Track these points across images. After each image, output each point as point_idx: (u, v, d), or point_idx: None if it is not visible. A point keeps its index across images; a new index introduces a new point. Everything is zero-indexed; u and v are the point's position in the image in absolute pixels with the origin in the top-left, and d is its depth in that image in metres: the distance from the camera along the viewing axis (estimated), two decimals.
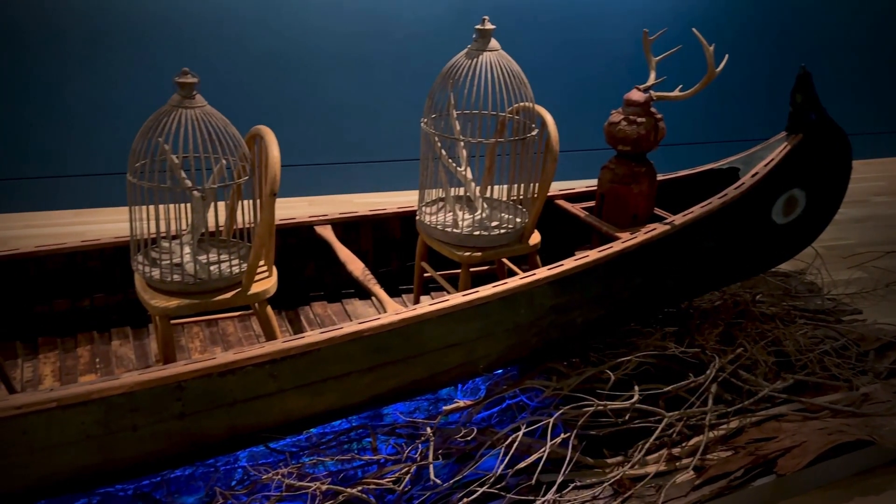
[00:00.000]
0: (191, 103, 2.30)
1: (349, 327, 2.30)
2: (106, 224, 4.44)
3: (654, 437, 2.59)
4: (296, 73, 4.79)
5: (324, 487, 2.19)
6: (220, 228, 2.67)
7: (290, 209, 4.43)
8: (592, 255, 2.68)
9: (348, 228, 3.18)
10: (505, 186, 2.95)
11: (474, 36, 2.68)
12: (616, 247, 2.74)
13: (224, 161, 2.39)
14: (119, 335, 2.89)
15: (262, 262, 2.50)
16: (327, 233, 3.05)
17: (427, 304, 2.42)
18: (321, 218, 3.14)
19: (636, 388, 2.65)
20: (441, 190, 2.93)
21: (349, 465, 2.40)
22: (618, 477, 2.46)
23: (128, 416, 2.04)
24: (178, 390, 2.08)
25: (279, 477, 2.19)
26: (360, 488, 2.24)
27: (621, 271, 2.78)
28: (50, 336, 2.83)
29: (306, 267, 3.21)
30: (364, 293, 3.28)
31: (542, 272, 2.58)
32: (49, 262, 2.78)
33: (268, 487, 2.23)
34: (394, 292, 3.27)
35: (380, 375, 2.40)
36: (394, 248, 3.31)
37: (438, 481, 2.27)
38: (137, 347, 2.84)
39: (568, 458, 2.42)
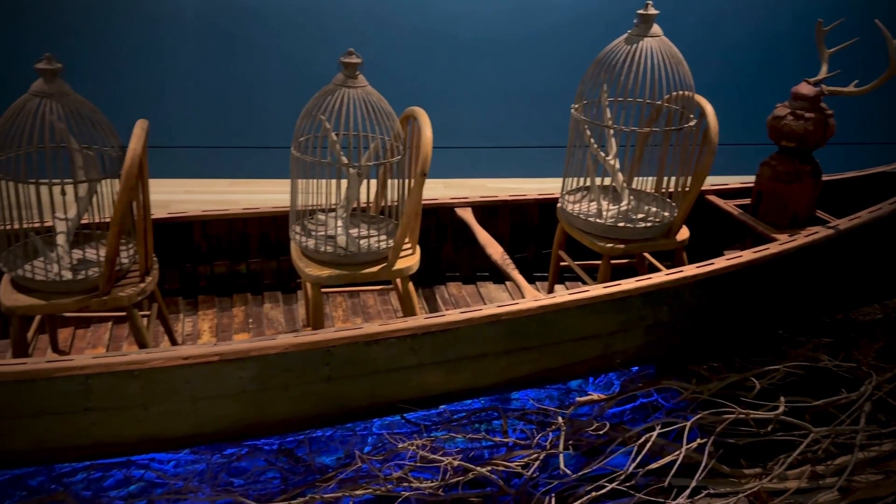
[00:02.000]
0: (354, 83, 2.39)
1: (488, 310, 2.32)
2: (256, 195, 4.72)
3: (797, 452, 2.45)
4: (447, 56, 4.84)
5: (455, 463, 2.24)
6: (370, 204, 2.77)
7: (428, 190, 4.52)
8: (746, 255, 2.55)
9: (488, 212, 3.20)
10: (651, 178, 2.86)
11: (635, 21, 2.60)
12: (772, 249, 2.59)
13: (379, 140, 2.47)
14: (270, 299, 3.08)
15: (406, 240, 2.57)
16: (467, 215, 3.09)
17: (567, 294, 2.40)
18: (462, 200, 3.18)
19: (782, 399, 2.51)
20: (584, 179, 2.89)
21: (478, 444, 2.44)
22: (755, 489, 2.35)
23: (280, 375, 2.17)
24: (327, 355, 2.18)
25: (414, 447, 2.26)
26: (489, 468, 2.27)
27: (776, 275, 2.63)
28: (209, 295, 3.05)
29: (444, 247, 3.26)
30: (498, 277, 3.30)
31: (690, 270, 2.49)
32: (212, 227, 3.00)
33: (401, 456, 2.31)
34: (527, 279, 3.26)
35: (514, 360, 2.42)
36: (531, 234, 3.31)
37: (568, 471, 2.26)
38: (286, 311, 3.01)
39: (703, 465, 2.34)
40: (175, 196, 4.67)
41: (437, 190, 4.82)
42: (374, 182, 2.75)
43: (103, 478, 2.31)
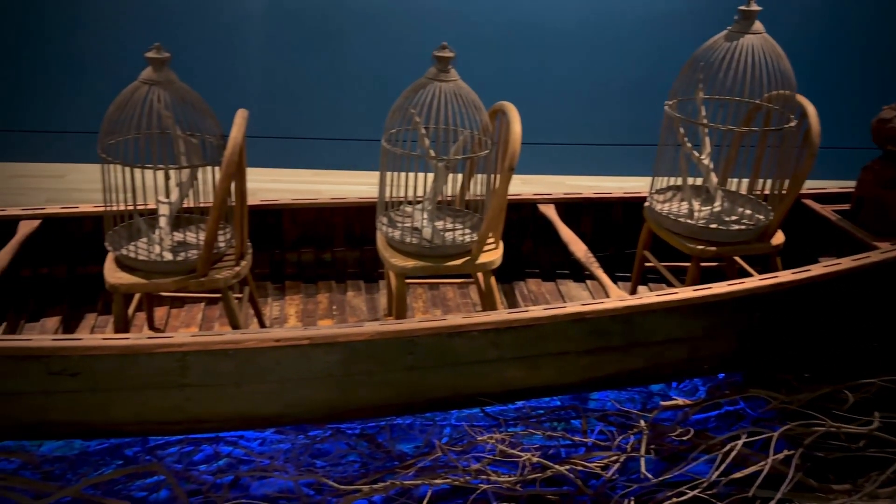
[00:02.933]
0: (446, 77, 2.41)
1: (572, 307, 2.30)
2: (339, 185, 4.82)
3: (891, 470, 2.34)
4: (531, 50, 4.81)
5: (534, 459, 2.24)
6: (455, 198, 2.79)
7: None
8: (845, 262, 2.44)
9: (571, 209, 3.17)
10: (745, 179, 2.77)
11: (736, 17, 2.52)
12: (873, 257, 2.47)
13: (468, 134, 2.48)
14: (353, 287, 3.14)
15: (490, 235, 2.58)
16: (550, 212, 3.07)
17: (655, 295, 2.35)
18: (545, 197, 3.17)
19: (876, 414, 2.40)
20: (673, 178, 2.83)
21: (556, 442, 2.43)
22: None
23: (365, 362, 2.22)
24: (410, 344, 2.22)
25: (493, 441, 2.27)
26: (567, 467, 2.26)
27: (875, 284, 2.51)
28: (295, 281, 3.14)
29: (524, 243, 3.26)
30: (579, 275, 3.27)
31: (785, 276, 2.40)
32: (301, 215, 3.09)
33: (479, 449, 2.32)
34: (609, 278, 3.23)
35: (596, 360, 2.39)
36: (614, 233, 3.26)
37: (649, 475, 2.23)
38: (368, 300, 3.07)
39: (789, 477, 2.26)
40: (262, 184, 4.82)
41: (516, 186, 4.79)
42: (459, 176, 2.77)
43: (194, 452, 2.41)
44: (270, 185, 4.84)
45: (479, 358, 2.30)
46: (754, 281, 2.38)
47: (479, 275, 2.84)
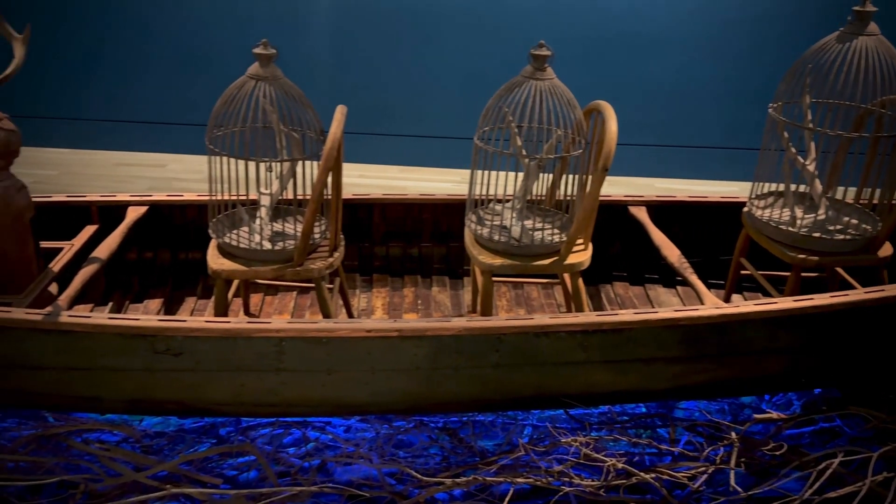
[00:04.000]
0: (542, 75, 2.40)
1: (664, 313, 2.26)
2: (423, 182, 4.88)
3: None
4: (628, 49, 4.75)
5: (618, 465, 2.21)
6: (544, 197, 2.78)
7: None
8: None
9: (663, 212, 3.11)
10: (852, 188, 2.64)
11: (850, 18, 2.41)
12: None
13: (559, 133, 2.47)
14: (438, 282, 3.18)
15: (580, 235, 2.55)
16: (641, 214, 3.01)
17: (752, 304, 2.28)
18: (636, 198, 3.11)
19: None
20: (775, 184, 2.72)
21: (641, 449, 2.39)
22: None
23: (452, 357, 2.24)
24: (497, 342, 2.23)
25: (577, 444, 2.25)
26: (653, 475, 2.22)
27: None
28: (382, 274, 3.21)
29: (612, 245, 3.21)
30: (668, 280, 3.19)
31: (893, 290, 2.28)
32: (391, 210, 3.14)
33: (562, 451, 2.31)
34: None
35: (687, 367, 2.34)
36: (706, 238, 3.17)
37: (739, 489, 2.16)
38: (453, 296, 3.10)
39: (889, 500, 2.15)
40: (350, 179, 4.92)
41: (603, 187, 4.73)
42: (549, 175, 2.76)
43: (283, 435, 2.49)
44: (358, 179, 4.95)
45: (565, 359, 2.28)
46: (859, 294, 2.27)
47: (566, 276, 2.82)
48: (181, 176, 4.74)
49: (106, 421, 2.44)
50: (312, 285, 3.03)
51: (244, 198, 2.59)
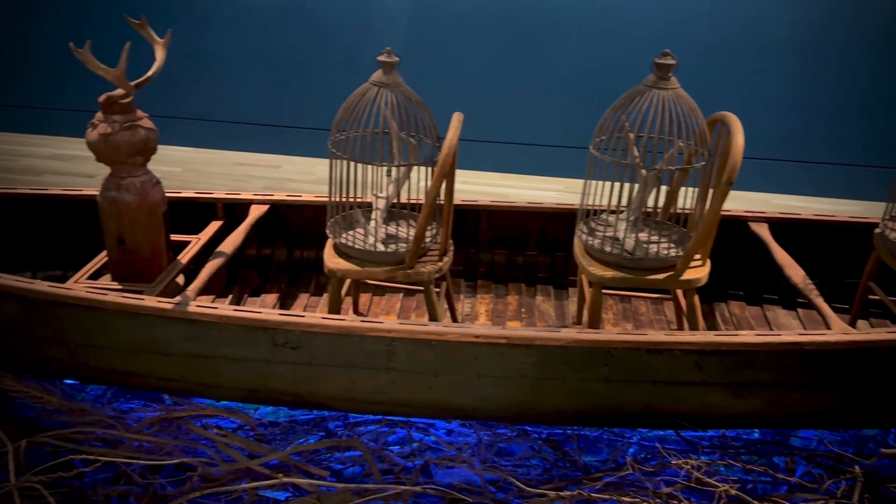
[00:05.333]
0: (665, 84, 2.34)
1: (788, 336, 2.15)
2: (524, 189, 4.86)
3: None
4: (751, 58, 4.57)
5: (731, 491, 2.12)
6: (657, 209, 2.70)
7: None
8: None
9: (786, 229, 2.96)
10: None
11: None
12: None
13: (680, 144, 2.40)
14: (542, 292, 3.15)
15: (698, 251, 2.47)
16: (763, 231, 2.88)
17: (884, 331, 2.14)
18: (758, 214, 2.98)
19: None
20: None
21: (754, 476, 2.28)
22: None
23: (560, 368, 2.22)
24: (607, 356, 2.18)
25: (688, 467, 2.17)
26: None
27: None
28: (486, 280, 3.21)
29: (729, 262, 3.08)
30: (788, 302, 3.04)
31: None
32: (498, 217, 3.15)
33: (672, 472, 2.24)
34: None
35: (809, 395, 2.22)
36: (831, 259, 2.99)
37: None
38: (557, 307, 3.06)
39: None
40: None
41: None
42: (664, 187, 2.68)
43: (388, 433, 2.54)
44: (461, 185, 4.98)
45: (678, 378, 2.21)
46: None
47: (679, 292, 2.73)
48: (293, 177, 4.93)
49: (224, 407, 2.56)
50: (419, 288, 3.09)
51: (359, 200, 2.66)
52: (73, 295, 2.26)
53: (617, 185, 2.51)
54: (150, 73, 2.53)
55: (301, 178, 4.91)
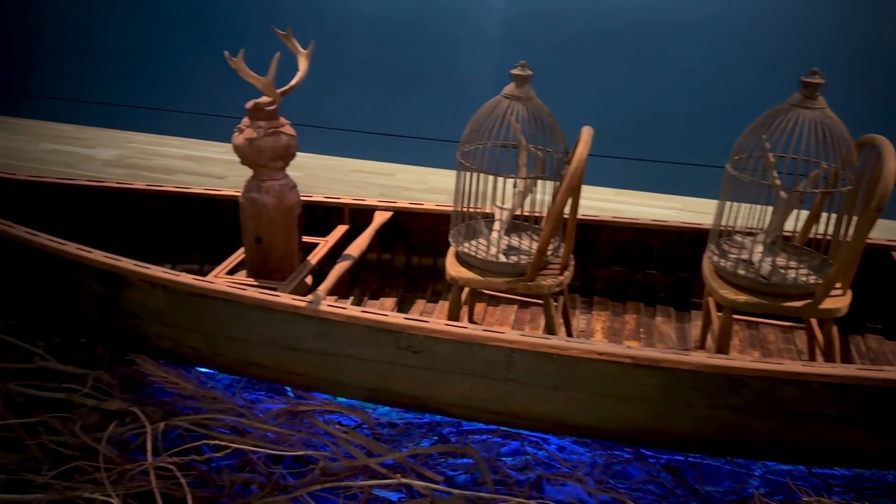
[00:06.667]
0: (811, 104, 2.24)
1: None
2: (640, 206, 4.76)
3: None
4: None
5: None
6: (795, 233, 2.59)
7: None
8: None
9: None
10: None
11: None
12: None
13: (825, 166, 2.29)
14: (662, 312, 3.07)
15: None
16: None
17: None
18: None
19: None
20: None
21: None
22: None
23: (687, 393, 2.15)
24: (739, 384, 2.10)
25: None
26: None
27: None
28: (603, 297, 3.16)
29: (869, 293, 2.89)
30: None
31: None
32: (619, 233, 3.10)
33: None
34: None
35: None
36: None
37: None
38: (678, 329, 2.98)
39: None
40: None
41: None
42: (803, 211, 2.56)
43: (501, 444, 2.54)
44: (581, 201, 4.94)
45: (814, 412, 2.10)
46: None
47: (815, 322, 2.60)
48: (407, 185, 5.04)
49: (345, 405, 2.64)
50: (533, 300, 3.08)
51: (482, 210, 2.69)
52: (215, 289, 2.40)
53: (755, 206, 2.42)
54: (293, 81, 2.66)
55: (415, 186, 5.01)
